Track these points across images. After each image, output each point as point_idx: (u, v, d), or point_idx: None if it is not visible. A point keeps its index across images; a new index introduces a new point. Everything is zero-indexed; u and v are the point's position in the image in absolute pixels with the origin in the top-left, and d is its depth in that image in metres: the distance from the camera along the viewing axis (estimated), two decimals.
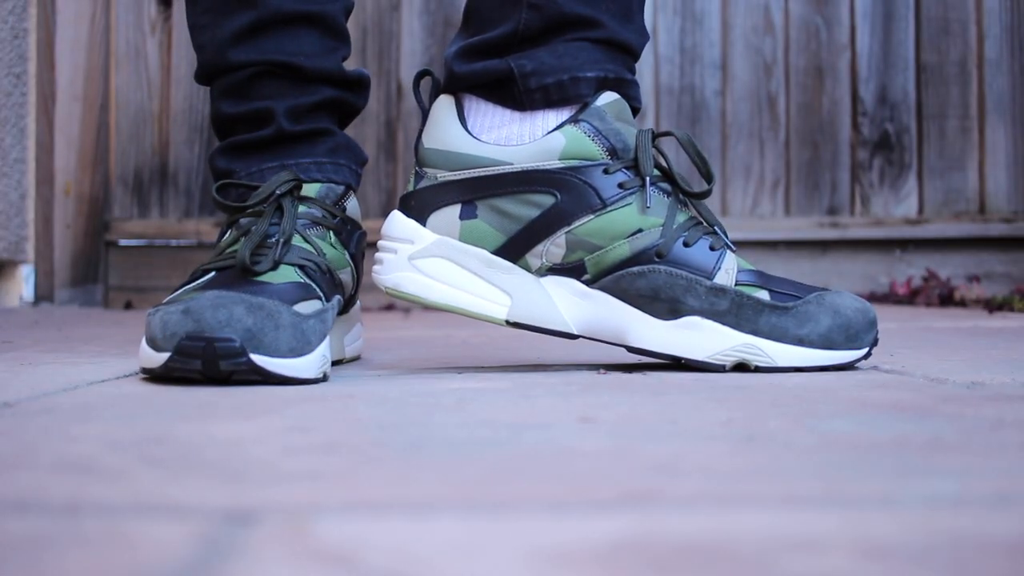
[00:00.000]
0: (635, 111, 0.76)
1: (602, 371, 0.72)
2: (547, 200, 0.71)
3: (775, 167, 1.98)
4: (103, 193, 1.92)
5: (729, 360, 0.70)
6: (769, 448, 0.41)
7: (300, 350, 0.64)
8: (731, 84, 1.97)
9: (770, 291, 0.72)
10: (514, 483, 0.35)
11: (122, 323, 1.40)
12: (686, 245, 0.72)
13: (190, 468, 0.37)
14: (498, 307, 0.72)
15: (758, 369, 0.70)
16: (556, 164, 0.71)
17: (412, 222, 0.73)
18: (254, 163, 0.79)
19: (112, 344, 0.97)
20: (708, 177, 0.74)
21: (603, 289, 0.72)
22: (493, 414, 0.50)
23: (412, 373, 0.72)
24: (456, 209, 0.72)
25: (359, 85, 0.84)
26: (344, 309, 0.80)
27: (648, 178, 0.72)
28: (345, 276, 0.78)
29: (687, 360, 0.70)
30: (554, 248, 0.72)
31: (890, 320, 1.35)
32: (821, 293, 0.72)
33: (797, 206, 1.97)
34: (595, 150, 0.72)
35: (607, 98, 0.73)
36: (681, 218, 0.73)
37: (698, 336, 0.70)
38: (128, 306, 1.90)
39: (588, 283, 0.72)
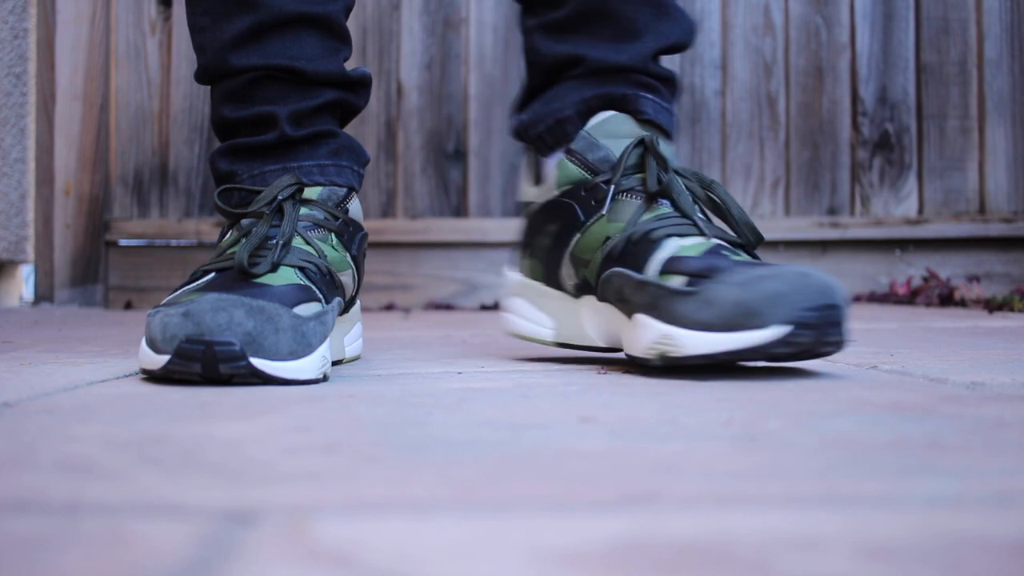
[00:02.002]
0: (645, 120, 0.77)
1: (602, 371, 0.72)
2: (554, 228, 0.78)
3: (775, 167, 1.98)
4: (103, 193, 1.92)
5: (653, 353, 0.66)
6: (769, 448, 0.41)
7: (300, 352, 0.64)
8: (731, 84, 1.97)
9: (689, 276, 0.67)
10: (514, 483, 0.35)
11: (122, 323, 1.40)
12: (632, 243, 0.72)
13: (190, 468, 0.37)
14: (547, 331, 0.80)
15: (671, 359, 0.65)
16: (554, 194, 0.78)
17: (509, 269, 0.85)
18: (256, 166, 0.79)
19: (112, 344, 0.97)
20: (657, 184, 0.73)
21: (602, 300, 0.74)
22: (493, 414, 0.50)
23: (412, 373, 0.72)
24: (525, 250, 0.82)
25: (360, 85, 0.84)
26: (344, 310, 0.80)
27: (613, 187, 0.73)
28: (346, 278, 0.78)
29: (631, 358, 0.70)
30: (567, 270, 0.77)
31: (890, 320, 1.35)
32: (749, 270, 0.64)
33: (797, 206, 1.97)
34: (578, 172, 0.77)
35: (597, 119, 0.77)
36: (647, 216, 0.72)
37: (638, 332, 0.68)
38: (128, 306, 1.90)
39: (598, 297, 0.75)
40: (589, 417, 0.49)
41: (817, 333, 0.61)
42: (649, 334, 0.66)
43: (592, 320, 0.76)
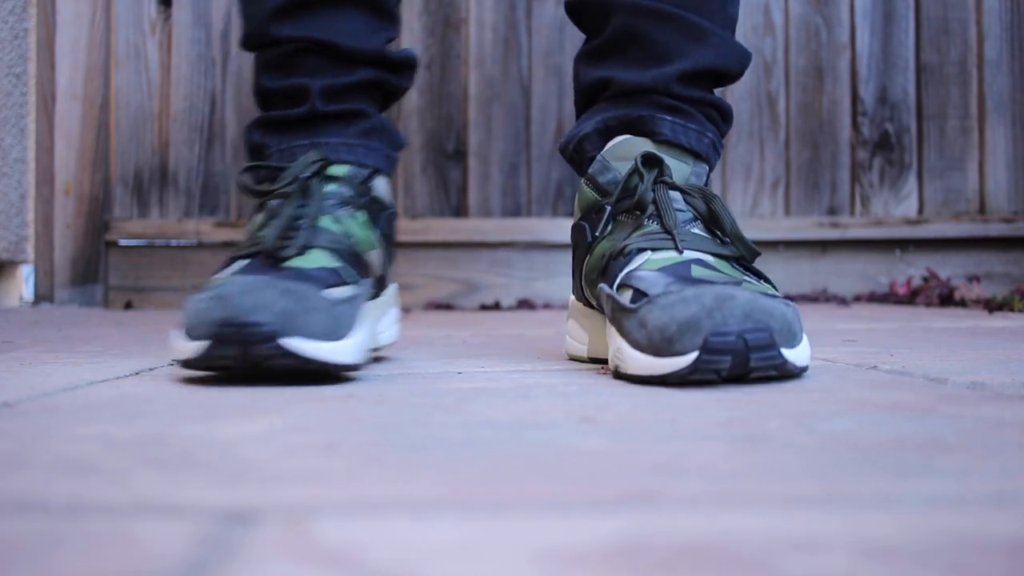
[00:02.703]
0: (663, 141, 0.76)
1: (602, 371, 0.72)
2: (578, 250, 0.79)
3: (775, 167, 1.98)
4: (103, 193, 1.92)
5: (612, 365, 0.66)
6: (769, 448, 0.41)
7: (334, 334, 0.62)
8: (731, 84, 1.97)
9: (633, 291, 0.66)
10: (514, 483, 0.35)
11: (122, 323, 1.40)
12: (611, 258, 0.72)
13: (190, 468, 0.37)
14: (583, 347, 0.81)
15: (622, 374, 0.65)
16: (578, 216, 0.79)
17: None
18: (286, 139, 0.79)
19: (112, 344, 0.97)
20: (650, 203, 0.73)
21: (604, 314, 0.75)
22: (493, 414, 0.50)
23: (412, 373, 0.72)
24: (573, 272, 0.82)
25: (404, 66, 0.83)
26: (375, 293, 0.79)
27: (610, 207, 0.74)
28: (374, 257, 0.77)
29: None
30: (587, 289, 0.77)
31: (890, 320, 1.35)
32: (680, 291, 0.61)
33: (797, 206, 1.97)
34: (592, 195, 0.77)
35: (613, 142, 0.78)
36: (635, 235, 0.71)
37: (608, 342, 0.69)
38: (128, 306, 1.90)
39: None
40: (589, 417, 0.49)
41: (735, 358, 0.58)
42: (611, 345, 0.67)
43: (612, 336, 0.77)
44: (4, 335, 1.10)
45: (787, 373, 0.62)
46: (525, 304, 1.89)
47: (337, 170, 0.76)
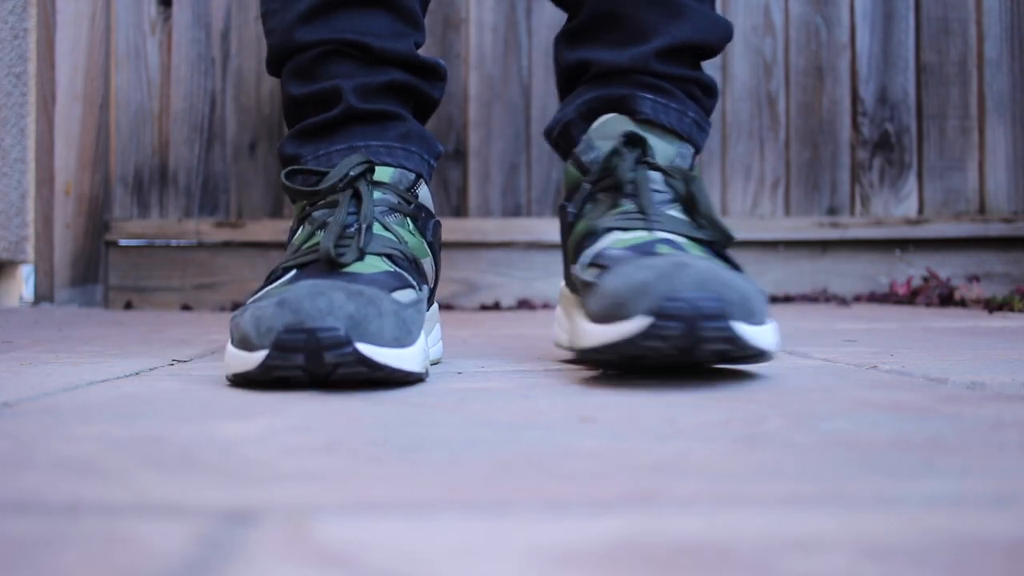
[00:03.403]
0: (644, 119, 0.76)
1: (602, 371, 0.72)
2: (562, 232, 0.78)
3: (775, 167, 1.98)
4: (103, 193, 1.92)
5: (568, 344, 0.66)
6: (769, 448, 0.41)
7: (404, 340, 0.59)
8: (731, 84, 1.97)
9: (600, 268, 0.65)
10: (514, 483, 0.35)
11: (122, 323, 1.40)
12: (583, 238, 0.71)
13: (190, 468, 0.37)
14: (565, 335, 0.77)
15: (578, 351, 0.63)
16: (564, 197, 0.78)
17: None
18: (322, 146, 0.76)
19: (112, 344, 0.97)
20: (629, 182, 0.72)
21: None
22: (493, 414, 0.50)
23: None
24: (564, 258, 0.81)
25: (434, 74, 0.81)
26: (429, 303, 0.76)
27: (588, 186, 0.73)
28: (427, 265, 0.75)
29: None
30: (570, 274, 0.75)
31: (890, 320, 1.35)
32: (638, 260, 0.61)
33: (797, 206, 1.97)
34: (576, 175, 0.76)
35: (598, 122, 0.77)
36: (610, 214, 0.70)
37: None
38: (128, 306, 1.90)
39: None
40: (589, 417, 0.49)
41: (685, 326, 0.55)
42: (574, 325, 0.65)
43: None
44: (4, 335, 1.10)
45: (742, 350, 0.58)
46: (525, 304, 1.89)
47: (382, 174, 0.73)
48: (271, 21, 0.80)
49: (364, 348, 0.56)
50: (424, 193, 0.77)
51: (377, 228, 0.70)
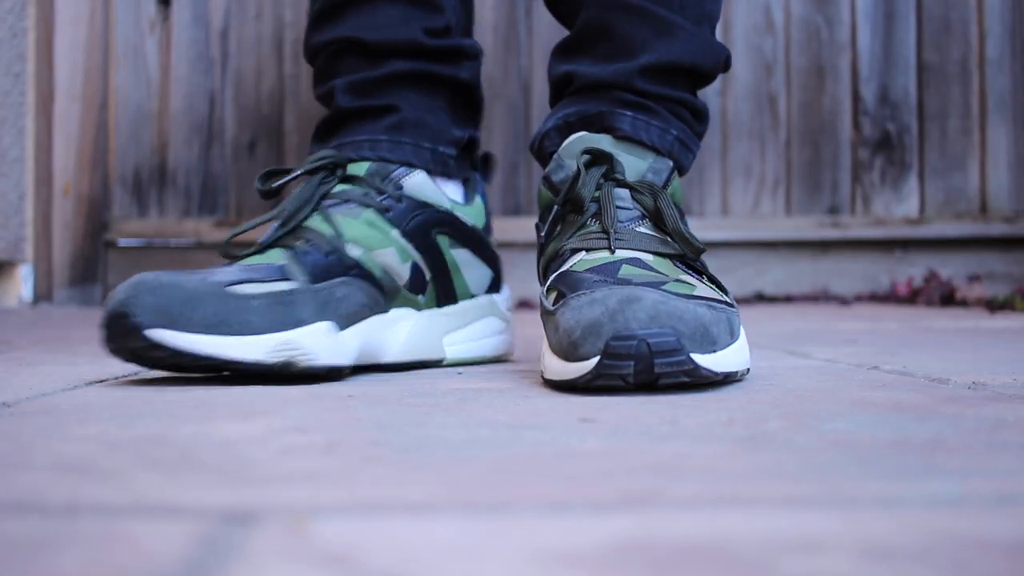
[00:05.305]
0: (623, 137, 0.73)
1: None
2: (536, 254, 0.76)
3: (776, 167, 1.98)
4: (102, 193, 1.92)
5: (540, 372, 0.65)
6: (770, 448, 0.41)
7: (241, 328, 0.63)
8: (731, 84, 1.97)
9: (558, 292, 0.64)
10: (514, 483, 0.35)
11: None
12: (551, 260, 0.71)
13: (189, 468, 0.37)
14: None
15: (546, 380, 0.63)
16: (538, 218, 0.76)
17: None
18: (317, 147, 0.78)
19: None
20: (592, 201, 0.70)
21: None
22: (493, 414, 0.50)
23: (412, 373, 0.72)
24: None
25: (452, 54, 0.80)
26: (385, 295, 0.74)
27: (556, 207, 0.71)
28: (387, 257, 0.73)
29: None
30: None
31: (891, 320, 1.35)
32: (591, 294, 0.59)
33: (798, 206, 1.97)
34: (548, 195, 0.74)
35: (568, 140, 0.74)
36: (575, 235, 0.69)
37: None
38: None
39: None
40: (589, 417, 0.49)
41: (639, 364, 0.56)
42: (542, 351, 0.65)
43: None
44: (3, 335, 1.10)
45: (705, 379, 0.58)
46: (525, 304, 1.89)
47: (357, 168, 0.74)
48: (306, 33, 0.83)
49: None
50: (414, 182, 0.76)
51: (315, 220, 0.71)
